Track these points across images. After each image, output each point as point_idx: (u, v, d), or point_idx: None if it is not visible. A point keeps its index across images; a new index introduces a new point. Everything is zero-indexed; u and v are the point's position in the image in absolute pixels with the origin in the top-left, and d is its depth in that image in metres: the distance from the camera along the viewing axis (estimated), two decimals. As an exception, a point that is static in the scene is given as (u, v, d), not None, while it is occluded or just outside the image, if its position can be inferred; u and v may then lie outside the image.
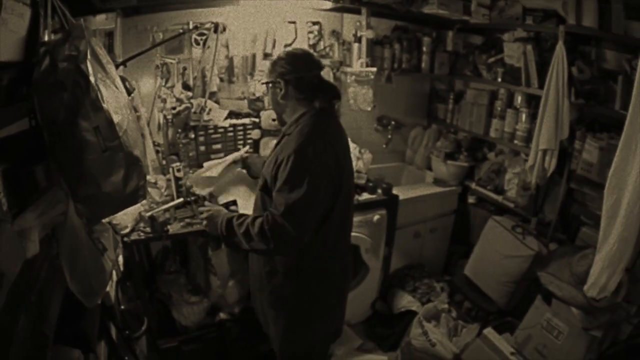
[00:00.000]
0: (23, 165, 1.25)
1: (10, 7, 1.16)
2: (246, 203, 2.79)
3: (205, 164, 3.17)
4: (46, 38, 1.42)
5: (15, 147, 1.19)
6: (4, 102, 1.24)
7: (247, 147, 3.42)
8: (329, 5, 3.46)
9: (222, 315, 3.13)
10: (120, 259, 2.24)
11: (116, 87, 1.59)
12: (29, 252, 1.12)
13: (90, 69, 1.36)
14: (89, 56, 1.37)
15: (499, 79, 3.66)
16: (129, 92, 1.95)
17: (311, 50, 3.45)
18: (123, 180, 1.51)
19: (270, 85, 2.22)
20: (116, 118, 1.43)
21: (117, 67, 2.01)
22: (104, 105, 1.38)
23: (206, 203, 2.69)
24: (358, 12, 3.61)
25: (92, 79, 1.35)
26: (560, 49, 2.92)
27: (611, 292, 2.46)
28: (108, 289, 1.82)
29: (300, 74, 2.15)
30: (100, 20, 2.48)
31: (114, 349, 1.98)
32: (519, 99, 3.59)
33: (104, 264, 1.74)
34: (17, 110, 1.28)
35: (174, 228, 2.70)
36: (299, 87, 2.15)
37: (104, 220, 1.93)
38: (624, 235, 2.35)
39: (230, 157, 3.10)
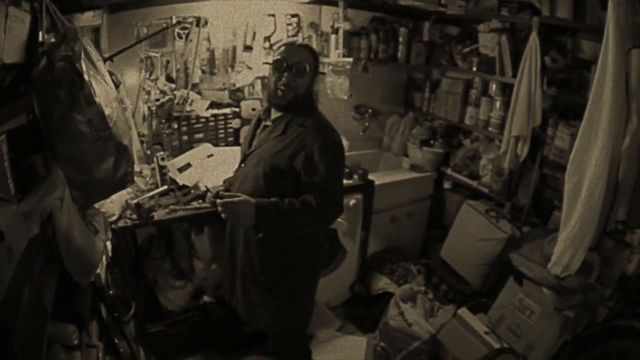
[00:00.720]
0: (23, 156, 1.34)
1: (14, 15, 1.25)
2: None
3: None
4: (41, 37, 1.51)
5: (15, 140, 1.27)
6: (7, 100, 1.33)
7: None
8: (308, -3, 3.50)
9: (205, 298, 3.21)
10: (109, 244, 2.33)
11: (106, 82, 1.67)
12: (32, 232, 1.22)
13: (84, 67, 1.46)
14: (82, 55, 1.47)
15: (474, 69, 3.75)
16: (116, 86, 2.04)
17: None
18: (113, 166, 1.63)
19: (312, 73, 2.25)
20: (107, 111, 1.54)
21: (104, 62, 2.09)
22: (97, 100, 1.49)
23: (222, 194, 2.53)
24: (336, 4, 3.65)
25: (85, 76, 1.45)
26: (533, 40, 3.00)
27: (574, 271, 2.51)
28: (99, 270, 1.89)
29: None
30: (87, 17, 2.53)
31: (105, 328, 2.06)
32: (493, 88, 3.68)
33: (96, 244, 1.84)
34: (17, 107, 1.37)
35: (158, 214, 2.79)
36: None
37: (95, 205, 2.03)
38: (586, 216, 2.42)
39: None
